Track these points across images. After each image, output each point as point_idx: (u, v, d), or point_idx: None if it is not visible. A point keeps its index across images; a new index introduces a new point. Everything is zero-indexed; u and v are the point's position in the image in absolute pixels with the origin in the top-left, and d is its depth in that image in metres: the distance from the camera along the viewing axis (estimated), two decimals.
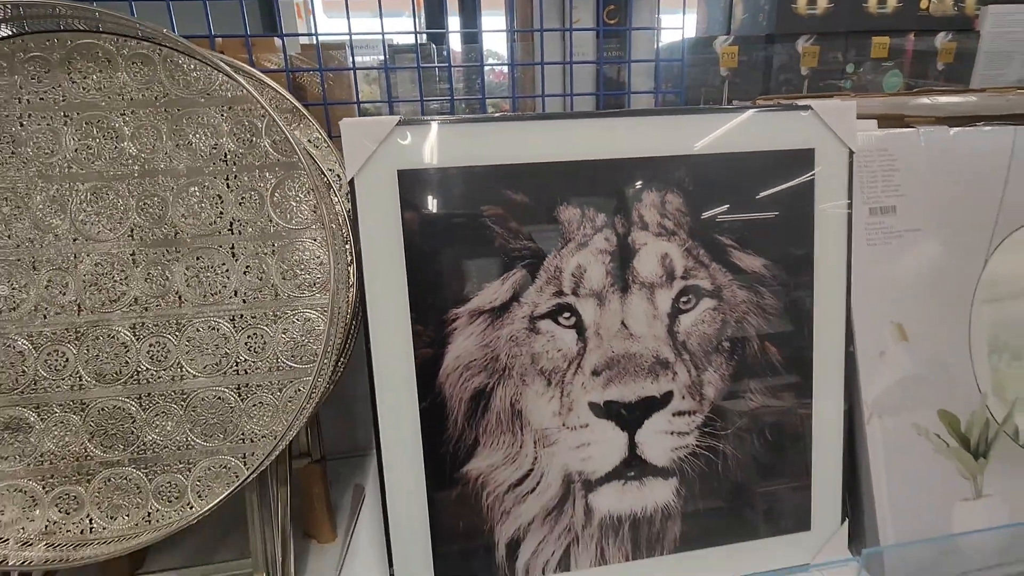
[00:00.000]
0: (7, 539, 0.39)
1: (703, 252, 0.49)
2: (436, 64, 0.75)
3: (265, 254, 0.42)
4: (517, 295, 0.47)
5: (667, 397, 0.49)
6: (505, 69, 0.88)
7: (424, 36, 0.87)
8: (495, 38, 0.79)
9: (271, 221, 0.43)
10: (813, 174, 0.50)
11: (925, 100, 0.65)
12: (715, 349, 0.50)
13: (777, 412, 0.52)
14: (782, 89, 0.82)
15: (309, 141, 0.59)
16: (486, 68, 0.81)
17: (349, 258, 0.45)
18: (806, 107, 0.49)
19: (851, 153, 0.50)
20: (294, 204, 0.43)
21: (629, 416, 0.49)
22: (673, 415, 0.50)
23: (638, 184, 0.47)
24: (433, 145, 0.44)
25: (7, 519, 0.40)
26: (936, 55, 0.84)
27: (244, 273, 0.42)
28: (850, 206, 0.51)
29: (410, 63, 0.82)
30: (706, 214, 0.49)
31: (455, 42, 0.89)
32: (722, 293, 0.50)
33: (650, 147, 0.47)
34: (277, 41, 0.74)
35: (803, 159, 0.49)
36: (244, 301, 0.42)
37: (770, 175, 0.49)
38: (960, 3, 0.83)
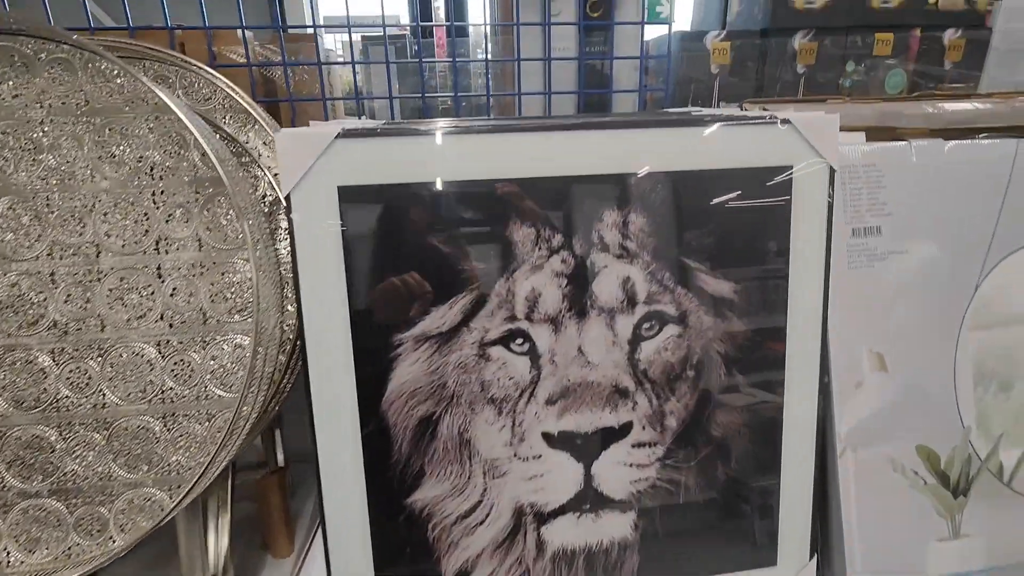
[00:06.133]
0: None
1: (668, 276, 0.46)
2: (407, 60, 0.72)
3: (194, 275, 0.40)
4: (466, 320, 0.44)
5: (626, 428, 0.47)
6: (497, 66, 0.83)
7: (396, 29, 0.83)
8: (483, 32, 0.75)
9: (200, 240, 0.40)
10: (790, 193, 0.46)
11: (925, 107, 0.61)
12: (679, 378, 0.47)
13: (744, 444, 0.49)
14: (777, 87, 0.78)
15: (264, 143, 0.56)
16: (468, 63, 0.77)
17: (287, 278, 0.42)
18: (784, 120, 0.45)
19: (832, 171, 0.46)
20: (225, 222, 0.40)
21: (585, 447, 0.47)
22: (632, 446, 0.47)
23: (598, 203, 0.44)
24: (376, 160, 0.41)
25: None
26: (943, 53, 0.79)
27: (171, 295, 0.40)
28: (830, 228, 0.47)
29: (391, 54, 0.78)
30: (672, 235, 0.45)
31: (442, 36, 0.85)
32: (688, 319, 0.47)
33: (610, 163, 0.44)
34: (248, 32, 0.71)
35: (780, 177, 0.46)
36: (171, 325, 0.40)
37: (743, 194, 0.46)
38: None
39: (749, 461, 0.50)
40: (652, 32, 0.80)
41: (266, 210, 0.49)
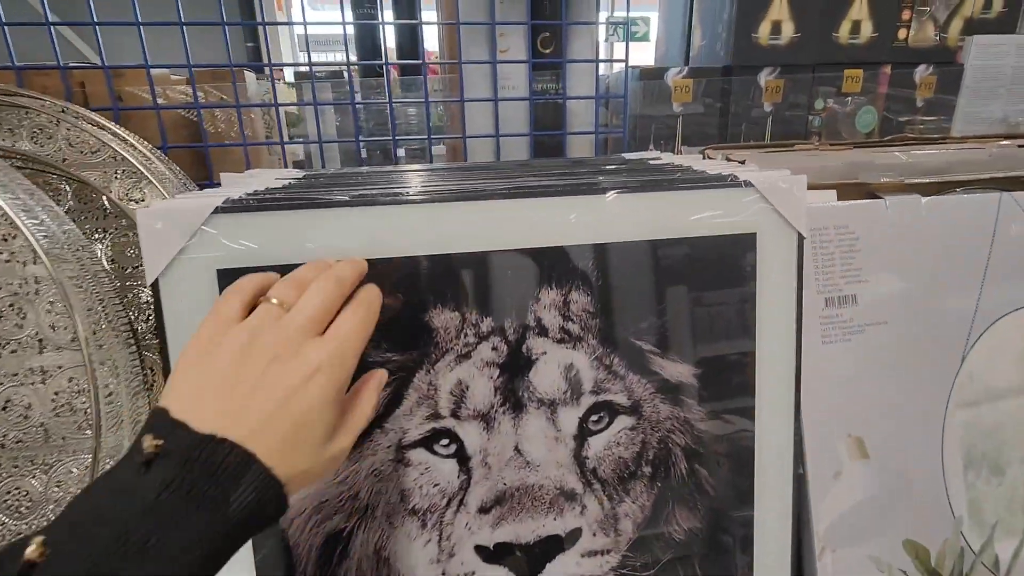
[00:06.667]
0: None
1: (617, 360, 0.40)
2: (333, 103, 0.65)
3: (33, 383, 0.32)
4: (380, 420, 0.37)
5: (574, 535, 0.40)
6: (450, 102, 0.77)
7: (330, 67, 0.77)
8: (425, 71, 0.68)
9: (43, 340, 0.33)
10: (755, 263, 0.40)
11: (898, 155, 0.56)
12: (633, 475, 0.41)
13: (710, 548, 0.43)
14: (742, 126, 0.73)
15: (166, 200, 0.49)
16: (402, 103, 0.71)
17: (153, 379, 0.35)
18: (747, 183, 0.40)
19: (801, 238, 0.41)
20: (67, 317, 0.33)
21: (527, 560, 0.40)
22: (582, 556, 0.41)
23: (533, 280, 0.38)
24: (263, 237, 0.34)
25: None
26: (915, 90, 0.76)
27: (3, 409, 0.32)
28: (800, 301, 0.42)
29: (332, 94, 0.72)
30: (622, 315, 0.39)
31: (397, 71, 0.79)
32: (642, 409, 0.40)
33: (546, 235, 0.38)
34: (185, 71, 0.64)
35: (742, 245, 0.40)
36: (2, 446, 0.32)
37: (701, 265, 0.40)
38: (942, 33, 0.74)
39: (717, 568, 0.43)
40: (614, 65, 0.75)
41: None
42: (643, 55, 0.79)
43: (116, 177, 0.48)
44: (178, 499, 0.20)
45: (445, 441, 0.38)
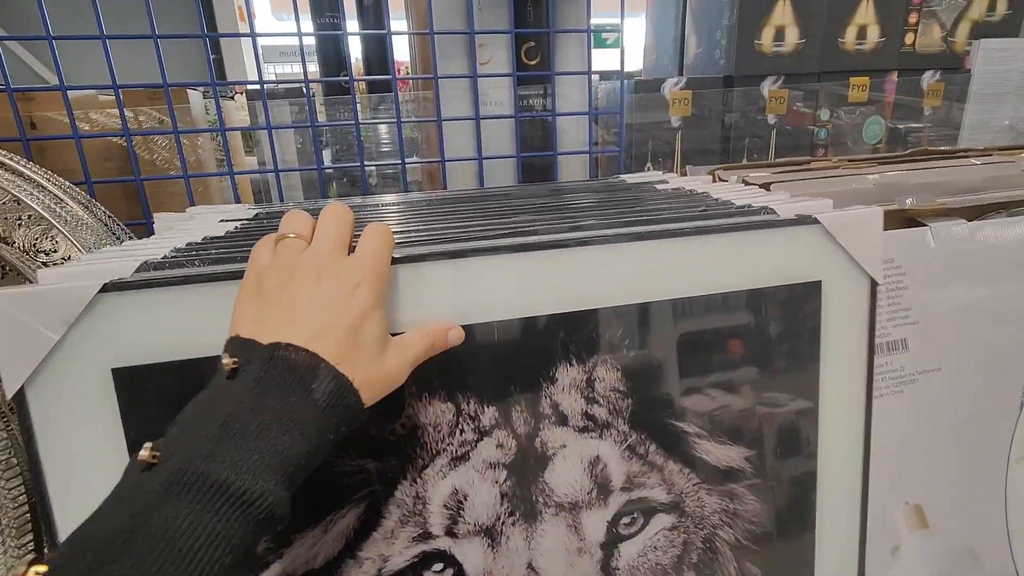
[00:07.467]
0: None
1: (654, 448, 0.32)
2: (292, 125, 0.56)
3: None
4: (352, 547, 0.29)
5: None
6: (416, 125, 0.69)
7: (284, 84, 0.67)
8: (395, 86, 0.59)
9: None
10: (819, 319, 0.33)
11: (925, 172, 0.50)
12: None
13: None
14: (745, 141, 0.67)
15: (88, 250, 0.40)
16: (370, 124, 0.62)
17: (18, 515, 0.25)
18: (810, 219, 0.32)
19: (874, 285, 0.34)
20: None
21: None
22: None
23: (547, 356, 0.30)
24: (178, 320, 0.25)
25: None
26: (922, 98, 0.71)
27: None
28: (871, 363, 0.34)
29: (290, 111, 0.62)
30: (658, 392, 0.31)
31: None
32: (684, 503, 0.33)
33: (561, 297, 0.29)
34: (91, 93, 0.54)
35: (805, 297, 0.33)
36: None
37: (753, 325, 0.32)
38: (949, 37, 0.69)
39: None
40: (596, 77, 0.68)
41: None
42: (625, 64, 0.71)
43: (19, 224, 0.38)
44: (268, 391, 0.22)
45: (438, 566, 0.30)
